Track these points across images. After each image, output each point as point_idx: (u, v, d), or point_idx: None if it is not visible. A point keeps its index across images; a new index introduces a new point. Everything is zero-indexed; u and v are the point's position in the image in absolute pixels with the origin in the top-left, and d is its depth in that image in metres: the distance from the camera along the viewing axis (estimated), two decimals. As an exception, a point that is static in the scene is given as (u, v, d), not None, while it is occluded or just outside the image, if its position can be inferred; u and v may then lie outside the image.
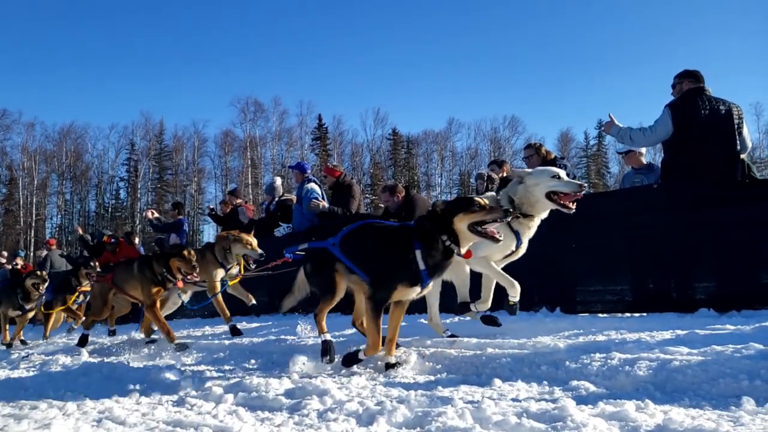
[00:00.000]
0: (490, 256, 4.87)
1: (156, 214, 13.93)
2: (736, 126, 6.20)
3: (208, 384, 3.92)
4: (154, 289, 6.63)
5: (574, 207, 4.63)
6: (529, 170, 4.89)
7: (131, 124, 62.96)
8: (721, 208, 5.92)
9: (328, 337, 4.55)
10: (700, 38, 72.93)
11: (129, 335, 8.00)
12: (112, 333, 8.79)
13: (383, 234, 4.34)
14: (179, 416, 3.16)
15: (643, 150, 8.22)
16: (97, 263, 9.89)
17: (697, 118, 6.15)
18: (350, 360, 4.35)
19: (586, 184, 4.83)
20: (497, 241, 3.93)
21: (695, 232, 6.03)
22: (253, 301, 7.76)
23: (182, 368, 4.96)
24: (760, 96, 59.21)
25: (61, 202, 60.84)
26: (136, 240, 14.84)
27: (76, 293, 9.86)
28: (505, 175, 9.45)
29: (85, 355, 6.55)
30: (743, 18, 66.63)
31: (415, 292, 4.12)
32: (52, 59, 75.62)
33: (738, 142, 6.21)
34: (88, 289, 9.46)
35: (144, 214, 21.21)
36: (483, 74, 77.83)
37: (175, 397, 3.69)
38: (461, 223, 3.90)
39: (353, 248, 4.38)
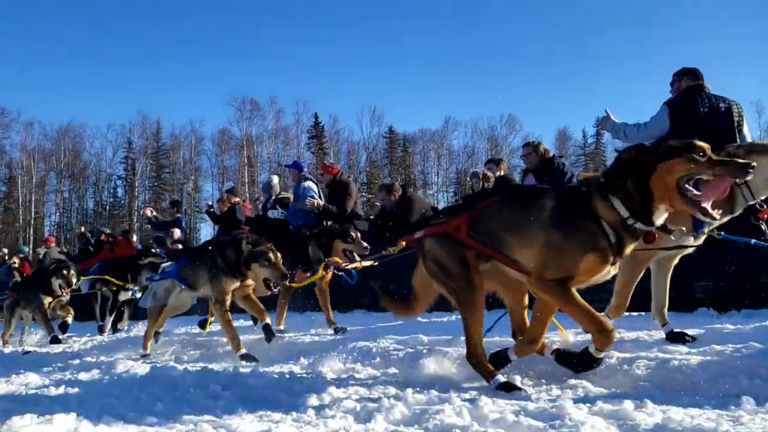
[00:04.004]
0: None
1: (154, 212, 13.91)
2: (736, 124, 6.18)
3: (207, 381, 3.92)
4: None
5: None
6: None
7: (129, 122, 62.66)
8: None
9: None
10: (701, 36, 72.72)
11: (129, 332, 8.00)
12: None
13: None
14: (178, 413, 3.15)
15: (643, 148, 8.18)
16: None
17: (696, 115, 6.13)
18: None
19: None
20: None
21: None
22: None
23: (181, 365, 4.97)
24: (762, 94, 58.99)
25: (60, 200, 60.72)
26: (134, 238, 14.83)
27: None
28: (502, 173, 9.42)
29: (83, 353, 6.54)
30: (744, 16, 66.60)
31: None
32: (50, 59, 75.35)
33: (738, 140, 6.19)
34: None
35: (142, 211, 21.17)
36: (480, 72, 77.54)
37: (174, 394, 3.69)
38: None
39: None
